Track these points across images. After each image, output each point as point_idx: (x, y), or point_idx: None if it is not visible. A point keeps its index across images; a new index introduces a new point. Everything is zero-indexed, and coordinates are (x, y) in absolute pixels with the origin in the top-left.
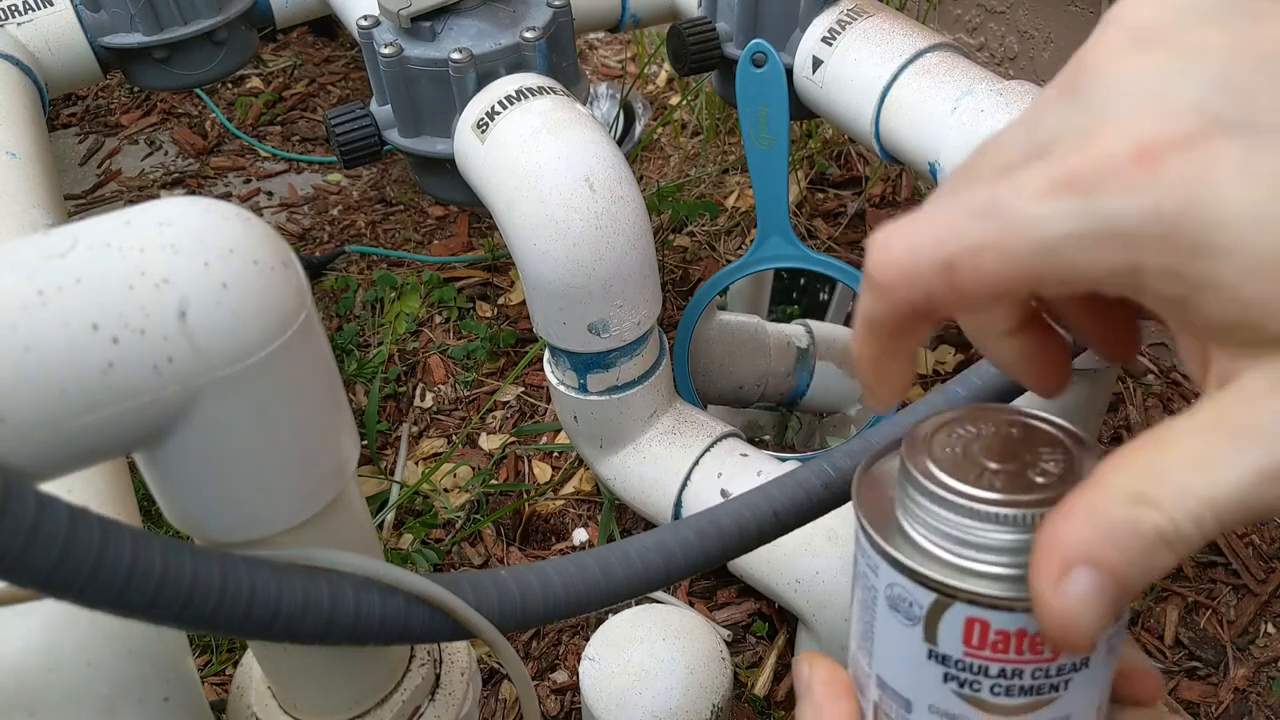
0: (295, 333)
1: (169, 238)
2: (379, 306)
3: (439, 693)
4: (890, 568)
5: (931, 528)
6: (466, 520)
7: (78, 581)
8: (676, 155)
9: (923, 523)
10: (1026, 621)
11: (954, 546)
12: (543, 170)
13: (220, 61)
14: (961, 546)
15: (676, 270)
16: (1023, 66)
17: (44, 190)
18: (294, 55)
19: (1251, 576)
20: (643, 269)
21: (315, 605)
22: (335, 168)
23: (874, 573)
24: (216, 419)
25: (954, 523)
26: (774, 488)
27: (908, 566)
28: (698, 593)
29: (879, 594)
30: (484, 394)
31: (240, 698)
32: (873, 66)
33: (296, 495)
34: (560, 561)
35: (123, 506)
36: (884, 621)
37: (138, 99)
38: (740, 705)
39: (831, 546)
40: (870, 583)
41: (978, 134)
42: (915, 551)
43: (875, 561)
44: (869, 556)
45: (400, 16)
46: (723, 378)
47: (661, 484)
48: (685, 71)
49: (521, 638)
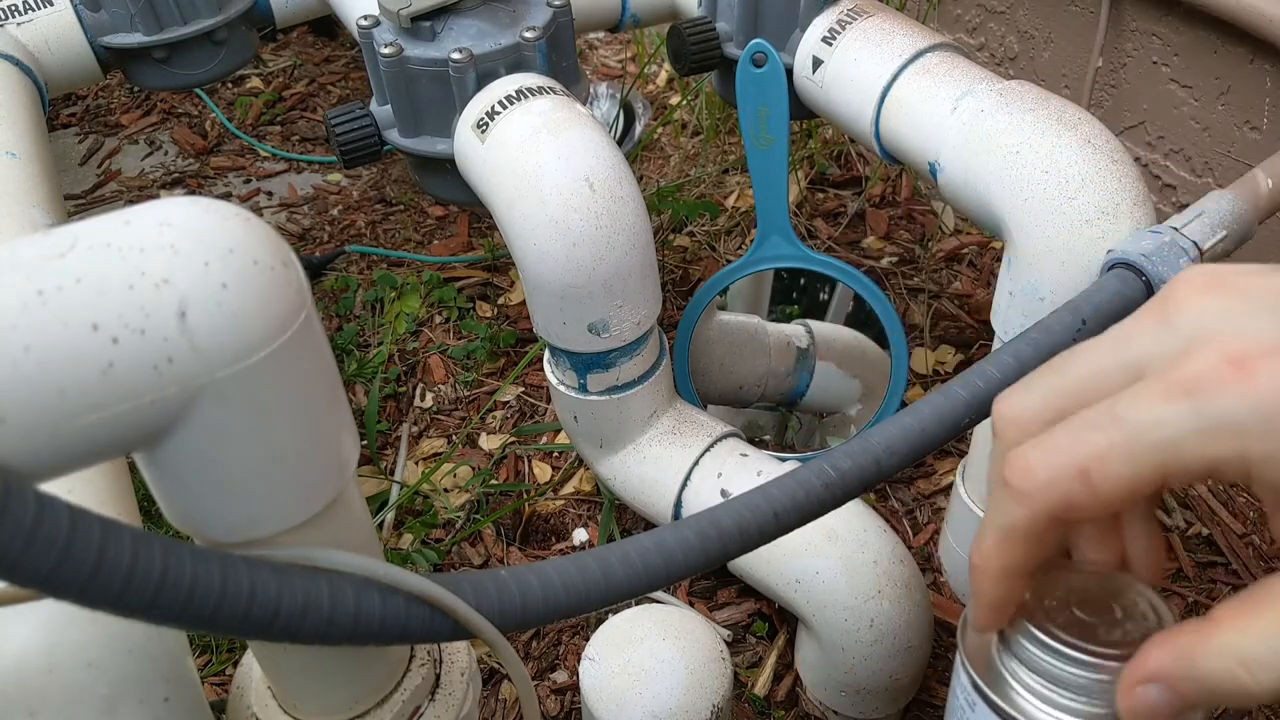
0: (295, 333)
1: (169, 238)
2: (379, 306)
3: (439, 693)
4: (987, 708)
5: (1028, 686)
6: (466, 520)
7: (78, 581)
8: (676, 155)
9: (1021, 680)
10: None
11: (1043, 704)
12: (543, 170)
13: (220, 61)
14: (1051, 706)
15: (676, 270)
16: (1023, 66)
17: (44, 190)
18: (294, 55)
19: (1251, 577)
20: (643, 269)
21: (315, 605)
22: (335, 168)
23: (971, 708)
24: (217, 419)
25: (1057, 677)
26: (774, 488)
27: (1004, 711)
28: (698, 593)
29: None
30: (484, 394)
31: (240, 698)
32: (873, 66)
33: (296, 495)
34: (560, 561)
35: (123, 506)
36: None
37: (138, 99)
38: (740, 705)
39: (831, 546)
40: (966, 715)
41: (978, 134)
42: (1008, 698)
43: (974, 699)
44: (968, 692)
45: (400, 16)
46: (723, 378)
47: (661, 484)
48: (685, 71)
49: (521, 638)
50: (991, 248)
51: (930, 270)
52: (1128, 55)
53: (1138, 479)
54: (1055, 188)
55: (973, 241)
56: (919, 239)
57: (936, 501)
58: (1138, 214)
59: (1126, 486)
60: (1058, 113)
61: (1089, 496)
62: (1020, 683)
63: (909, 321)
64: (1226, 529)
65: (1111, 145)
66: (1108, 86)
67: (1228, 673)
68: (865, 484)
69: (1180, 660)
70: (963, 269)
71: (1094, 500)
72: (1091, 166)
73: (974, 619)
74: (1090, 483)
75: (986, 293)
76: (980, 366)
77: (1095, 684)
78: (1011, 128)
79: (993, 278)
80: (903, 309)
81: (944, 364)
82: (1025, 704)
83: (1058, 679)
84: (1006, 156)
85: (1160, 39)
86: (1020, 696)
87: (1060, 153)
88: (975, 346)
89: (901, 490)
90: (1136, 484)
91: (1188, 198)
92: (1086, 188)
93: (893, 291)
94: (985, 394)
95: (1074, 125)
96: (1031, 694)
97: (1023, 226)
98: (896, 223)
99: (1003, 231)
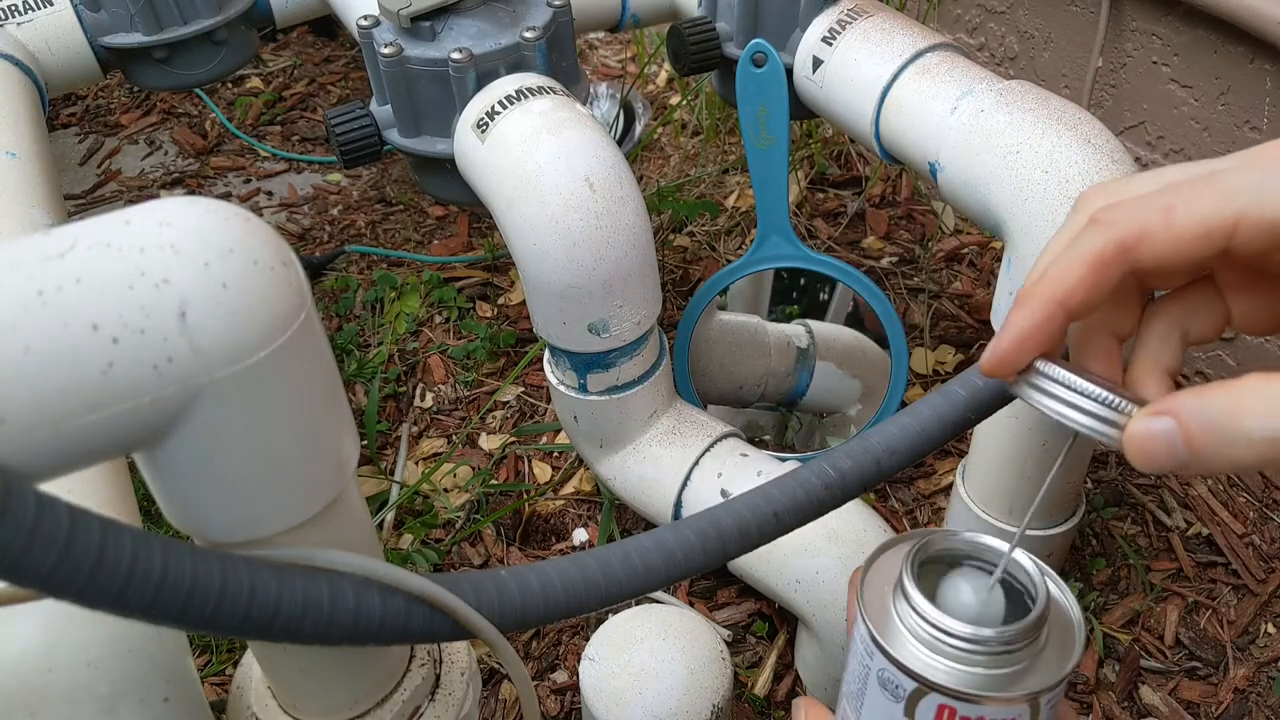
0: (295, 333)
1: (169, 238)
2: (379, 306)
3: (439, 693)
4: (883, 657)
5: (918, 635)
6: (466, 520)
7: (78, 581)
8: (676, 155)
9: (911, 630)
10: (984, 711)
11: (933, 653)
12: (543, 170)
13: (220, 61)
14: (938, 654)
15: (676, 270)
16: (1023, 66)
17: (44, 190)
18: (294, 55)
19: (1251, 576)
20: (643, 269)
21: (315, 605)
22: (335, 168)
23: (869, 656)
24: (216, 419)
25: (936, 637)
26: (774, 488)
27: (897, 660)
28: (698, 593)
29: (871, 671)
30: (484, 394)
31: (240, 698)
32: (873, 66)
33: (296, 495)
34: (560, 561)
35: (123, 506)
36: (873, 694)
37: (138, 99)
38: (740, 705)
39: (831, 546)
40: (865, 661)
41: (978, 134)
42: (903, 648)
43: (871, 649)
44: (866, 643)
45: (400, 16)
46: (723, 378)
47: (661, 484)
48: (685, 71)
49: (521, 638)
50: (991, 248)
51: (930, 270)
52: (1128, 55)
53: (1214, 220)
54: (1055, 187)
55: (973, 241)
56: (919, 239)
57: (936, 501)
58: None
59: (1202, 226)
60: (1058, 112)
61: (1165, 228)
62: (910, 638)
63: (909, 321)
64: (1226, 529)
65: (1111, 145)
66: (1108, 86)
67: (1231, 416)
68: (865, 484)
69: (1196, 399)
70: (963, 269)
71: (1168, 234)
72: (1091, 166)
73: (988, 354)
74: (1171, 216)
75: (986, 293)
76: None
77: (975, 656)
78: (1011, 127)
79: (993, 278)
80: (903, 309)
81: (944, 364)
82: (914, 649)
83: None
84: (1006, 156)
85: (1160, 39)
86: (910, 649)
87: (1060, 153)
88: (975, 346)
89: (901, 490)
90: (1211, 226)
91: None
92: (1086, 187)
93: (893, 291)
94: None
95: (1074, 125)
96: (919, 648)
97: (1023, 226)
98: (896, 223)
99: (1003, 231)
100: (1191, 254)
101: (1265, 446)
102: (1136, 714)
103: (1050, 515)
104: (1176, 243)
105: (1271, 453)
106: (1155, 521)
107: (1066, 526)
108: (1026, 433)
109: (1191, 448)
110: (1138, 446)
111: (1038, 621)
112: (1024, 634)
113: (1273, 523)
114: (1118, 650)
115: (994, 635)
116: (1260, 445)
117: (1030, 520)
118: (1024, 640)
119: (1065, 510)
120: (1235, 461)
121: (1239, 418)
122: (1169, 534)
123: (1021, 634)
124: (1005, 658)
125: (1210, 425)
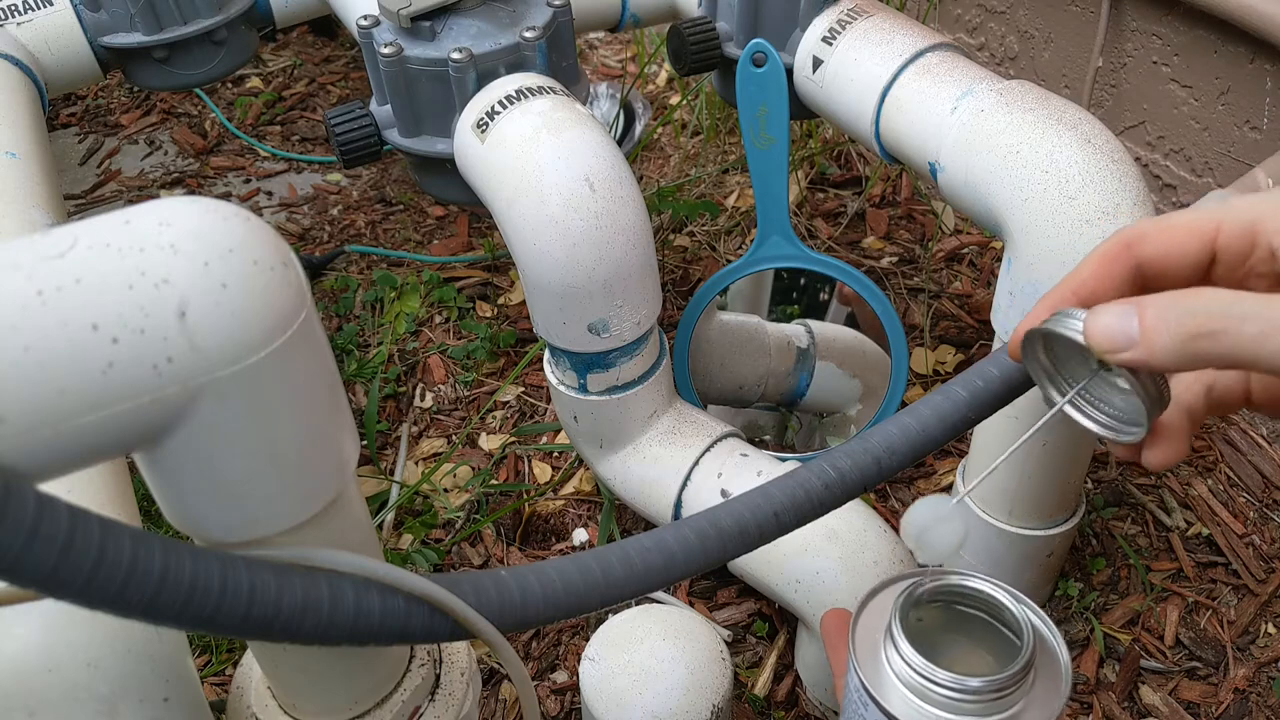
0: (295, 333)
1: (169, 238)
2: (379, 306)
3: (439, 693)
4: (876, 709)
5: (909, 684)
6: (466, 520)
7: (78, 581)
8: (676, 155)
9: (902, 678)
10: None
11: (924, 702)
12: (543, 170)
13: (220, 61)
14: (929, 703)
15: (676, 270)
16: (1023, 66)
17: (44, 190)
18: (294, 55)
19: (1251, 576)
20: (643, 269)
21: (315, 605)
22: (335, 167)
23: (864, 706)
24: (216, 419)
25: (926, 686)
26: (774, 488)
27: (890, 713)
28: (698, 593)
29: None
30: (484, 394)
31: (240, 698)
32: (873, 66)
33: (296, 495)
34: (560, 561)
35: (123, 506)
36: None
37: (138, 99)
38: (740, 705)
39: (831, 546)
40: (860, 711)
41: (978, 134)
42: (895, 698)
43: (866, 700)
44: (860, 693)
45: (400, 16)
46: (723, 378)
47: (661, 484)
48: (685, 71)
49: (521, 638)
50: (991, 248)
51: (930, 270)
52: (1128, 55)
53: (1201, 220)
54: (1055, 187)
55: (973, 241)
56: (919, 239)
57: None
58: (1138, 214)
59: (1190, 225)
60: (1058, 112)
61: (1161, 228)
62: (898, 690)
63: (909, 321)
64: (1226, 529)
65: (1111, 145)
66: (1108, 86)
67: (1173, 308)
68: (865, 484)
69: (1159, 295)
70: (963, 269)
71: (1163, 232)
72: (1092, 166)
73: (1012, 337)
74: (1167, 219)
75: (986, 293)
76: (980, 366)
77: (962, 706)
78: (1011, 127)
79: (993, 278)
80: (903, 309)
81: (944, 364)
82: (903, 703)
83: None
84: (1006, 156)
85: (1160, 39)
86: (900, 698)
87: (1060, 152)
88: (975, 346)
89: (901, 490)
90: (1197, 225)
91: (1188, 197)
92: (1087, 187)
93: (893, 291)
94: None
95: (1074, 125)
96: (908, 700)
97: (1023, 226)
98: (896, 223)
99: (1003, 231)
100: (1185, 249)
101: (1184, 340)
102: (1136, 714)
103: (1050, 515)
104: (1170, 238)
105: (1190, 347)
106: (1155, 521)
107: (1067, 526)
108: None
109: (1143, 328)
110: (1099, 325)
111: (1025, 668)
112: (1012, 680)
113: (1273, 523)
114: (1118, 650)
115: (982, 685)
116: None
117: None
118: (1012, 686)
119: (1065, 510)
120: (1166, 351)
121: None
122: (1169, 534)
123: (1009, 680)
124: (995, 704)
125: (1158, 313)
